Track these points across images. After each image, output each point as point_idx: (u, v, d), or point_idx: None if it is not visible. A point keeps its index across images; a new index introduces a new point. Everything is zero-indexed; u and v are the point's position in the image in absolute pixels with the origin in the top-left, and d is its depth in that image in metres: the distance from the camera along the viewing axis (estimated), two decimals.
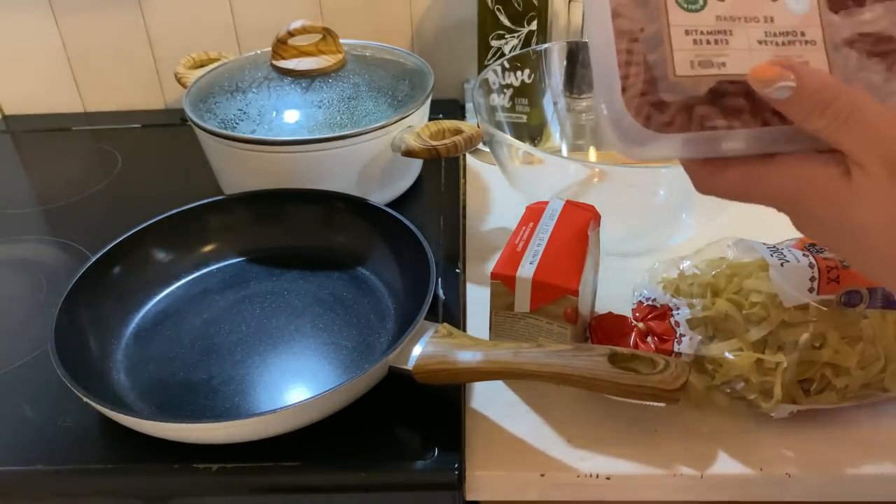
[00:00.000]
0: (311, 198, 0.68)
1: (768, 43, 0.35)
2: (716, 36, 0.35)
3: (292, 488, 0.50)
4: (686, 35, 0.35)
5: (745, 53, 0.35)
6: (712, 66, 0.35)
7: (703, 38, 0.35)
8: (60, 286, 0.57)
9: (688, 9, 0.35)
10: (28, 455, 0.51)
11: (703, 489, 0.50)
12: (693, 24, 0.35)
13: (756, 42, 0.35)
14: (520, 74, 0.79)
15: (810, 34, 0.35)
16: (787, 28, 0.35)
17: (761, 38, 0.35)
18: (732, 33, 0.35)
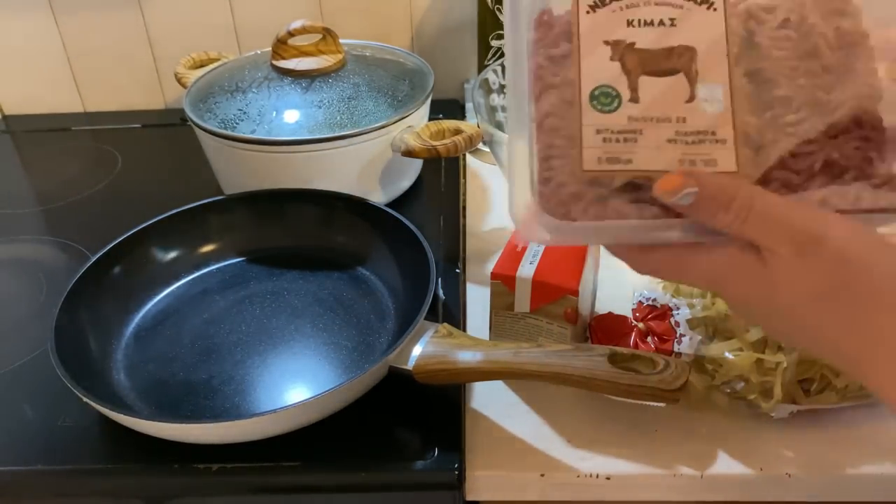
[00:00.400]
0: (311, 198, 0.68)
1: (678, 142, 0.37)
2: (625, 135, 0.37)
3: (292, 488, 0.50)
4: (597, 134, 0.37)
5: (652, 151, 0.37)
6: (619, 163, 0.37)
7: (613, 137, 0.37)
8: (60, 286, 0.57)
9: (601, 110, 0.38)
10: (28, 455, 0.51)
11: (704, 489, 0.50)
12: (604, 125, 0.37)
13: (665, 141, 0.37)
14: None
15: (721, 133, 0.37)
16: (698, 128, 0.37)
17: (671, 137, 0.37)
18: (643, 133, 0.37)
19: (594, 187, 0.37)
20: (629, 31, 0.38)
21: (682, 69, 0.38)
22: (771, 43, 0.38)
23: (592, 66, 0.38)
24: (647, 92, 0.38)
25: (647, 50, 0.38)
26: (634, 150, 0.37)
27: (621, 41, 0.38)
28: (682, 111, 0.37)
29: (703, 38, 0.38)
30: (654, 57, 0.38)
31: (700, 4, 0.38)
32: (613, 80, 0.38)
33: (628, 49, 0.38)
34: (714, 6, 0.38)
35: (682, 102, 0.37)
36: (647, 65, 0.38)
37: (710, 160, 0.37)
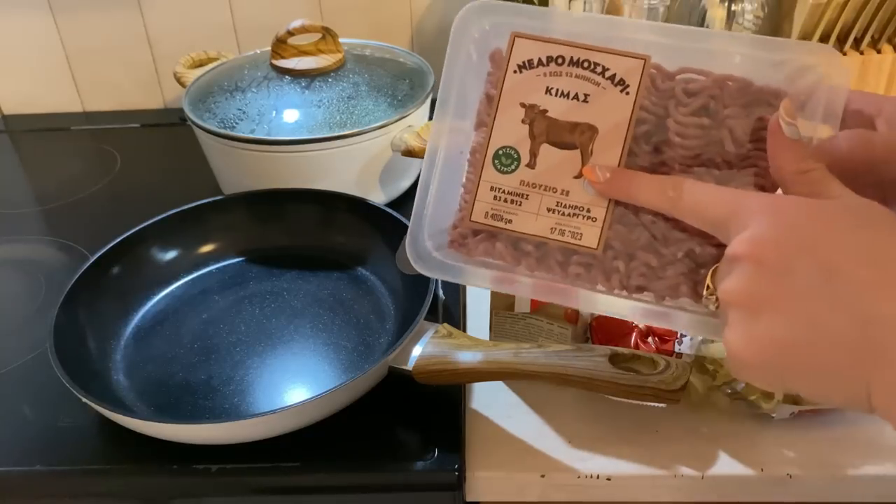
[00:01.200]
0: (311, 198, 0.68)
1: (556, 212, 0.40)
2: (513, 197, 0.41)
3: (292, 489, 0.50)
4: (490, 191, 0.41)
5: (531, 216, 0.41)
6: (501, 220, 0.41)
7: (503, 196, 0.41)
8: (59, 286, 0.57)
9: (500, 170, 0.41)
10: (27, 455, 0.51)
11: (704, 490, 0.50)
12: (499, 183, 0.41)
13: (545, 208, 0.40)
14: None
15: (594, 213, 0.40)
16: (576, 203, 0.40)
17: (551, 206, 0.40)
18: (528, 198, 0.41)
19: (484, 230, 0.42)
20: (545, 98, 0.40)
21: (579, 146, 0.40)
22: (678, 129, 0.39)
23: (505, 125, 0.41)
24: (544, 160, 0.40)
25: (555, 120, 0.40)
26: (516, 212, 0.41)
27: (535, 106, 0.40)
28: (568, 185, 0.40)
29: (608, 119, 0.39)
30: (559, 128, 0.40)
31: (616, 86, 0.40)
32: (518, 143, 0.40)
33: (540, 115, 0.40)
34: (628, 90, 0.39)
35: (570, 177, 0.40)
36: (551, 134, 0.40)
37: (577, 233, 0.40)
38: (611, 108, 0.39)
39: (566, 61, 0.40)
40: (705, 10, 0.80)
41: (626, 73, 0.39)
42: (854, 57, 0.75)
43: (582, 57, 0.40)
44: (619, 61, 0.39)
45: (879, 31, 0.76)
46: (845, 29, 0.75)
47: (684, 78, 0.39)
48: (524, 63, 0.41)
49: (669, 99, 0.39)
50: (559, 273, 0.41)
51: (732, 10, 0.79)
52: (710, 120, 0.39)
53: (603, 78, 0.40)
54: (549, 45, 0.40)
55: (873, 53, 0.76)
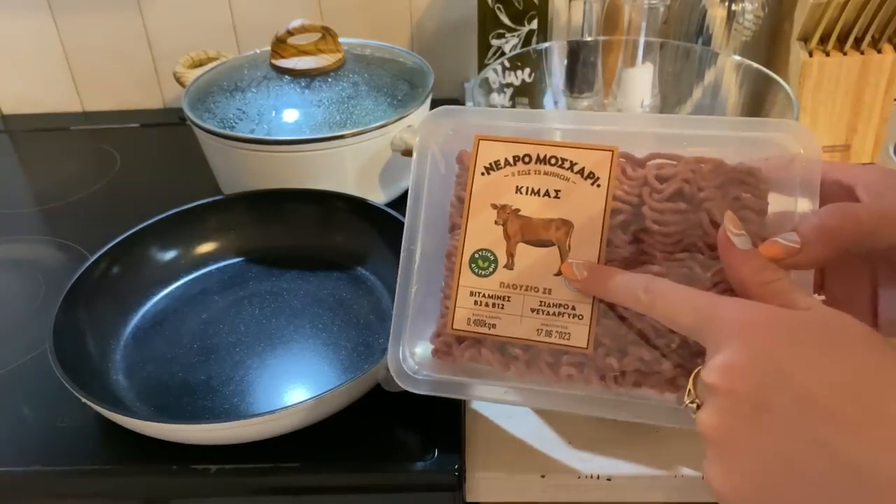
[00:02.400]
0: (311, 198, 0.68)
1: (540, 312, 0.39)
2: (494, 300, 0.40)
3: (292, 489, 0.50)
4: (470, 296, 0.40)
5: (515, 318, 0.40)
6: (484, 326, 0.40)
7: (483, 301, 0.40)
8: (59, 286, 0.57)
9: (478, 274, 0.40)
10: (26, 455, 0.51)
11: (704, 490, 0.50)
12: (478, 288, 0.40)
13: (529, 309, 0.39)
14: (520, 73, 0.79)
15: (580, 309, 0.39)
16: (561, 300, 0.39)
17: (535, 307, 0.39)
18: (510, 300, 0.40)
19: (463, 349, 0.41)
20: (516, 198, 0.40)
21: (556, 242, 0.39)
22: (655, 216, 0.39)
23: (478, 227, 0.40)
24: (522, 260, 0.40)
25: (528, 218, 0.40)
26: (499, 316, 0.40)
27: (507, 206, 0.40)
28: (550, 283, 0.39)
29: (582, 213, 0.39)
30: (533, 226, 0.40)
31: (586, 179, 0.39)
32: (493, 245, 0.40)
33: (512, 215, 0.40)
34: (598, 183, 0.39)
35: (550, 274, 0.39)
36: (526, 233, 0.40)
37: (564, 333, 0.39)
38: (584, 202, 0.39)
39: (533, 159, 0.40)
40: (705, 9, 0.80)
41: (595, 165, 0.39)
42: (854, 57, 0.75)
43: (548, 154, 0.40)
44: (586, 155, 0.39)
45: (880, 31, 0.76)
46: (846, 29, 0.75)
47: (656, 164, 0.39)
48: (491, 165, 0.40)
49: (643, 186, 0.39)
50: (550, 375, 0.40)
51: (732, 10, 0.79)
52: (686, 204, 0.38)
53: (572, 172, 0.39)
54: (514, 145, 0.40)
55: (874, 53, 0.75)
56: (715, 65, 0.77)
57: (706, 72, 0.75)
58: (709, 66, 0.77)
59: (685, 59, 0.79)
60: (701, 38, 0.82)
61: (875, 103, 0.77)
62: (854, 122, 0.79)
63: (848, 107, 0.78)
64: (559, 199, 0.39)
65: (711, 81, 0.78)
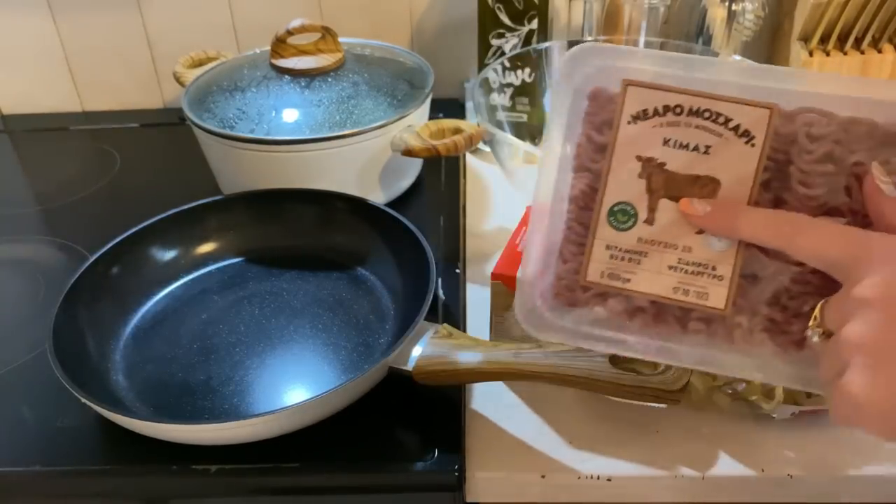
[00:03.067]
0: (311, 198, 0.68)
1: (678, 269, 0.38)
2: (631, 255, 0.39)
3: (291, 489, 0.50)
4: (606, 249, 0.39)
5: (652, 275, 0.39)
6: (618, 280, 0.39)
7: (619, 255, 0.39)
8: (59, 286, 0.57)
9: (616, 227, 0.39)
10: (26, 456, 0.51)
11: (705, 490, 0.50)
12: (615, 242, 0.39)
13: (667, 266, 0.38)
14: (520, 73, 0.79)
15: (720, 270, 0.38)
16: (700, 260, 0.38)
17: (672, 264, 0.38)
18: (647, 255, 0.38)
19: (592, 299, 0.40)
20: (663, 151, 0.38)
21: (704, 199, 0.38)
22: (802, 177, 0.37)
23: (620, 179, 0.38)
24: (663, 215, 0.38)
25: (674, 173, 0.38)
26: (635, 271, 0.38)
27: (653, 159, 0.38)
28: (690, 241, 0.38)
29: (732, 172, 0.37)
30: (678, 182, 0.38)
31: (739, 137, 0.37)
32: (634, 199, 0.38)
33: (657, 169, 0.38)
34: (753, 142, 0.37)
35: (691, 232, 0.38)
36: (670, 188, 0.38)
37: (702, 293, 0.38)
38: (734, 161, 0.37)
39: (685, 111, 0.37)
40: (706, 9, 0.80)
41: (751, 124, 0.37)
42: (855, 57, 0.75)
43: (702, 107, 0.37)
44: (742, 111, 0.37)
45: (880, 31, 0.76)
46: (846, 29, 0.75)
47: (806, 120, 0.37)
48: (638, 114, 0.38)
49: (791, 145, 0.37)
50: (676, 329, 0.39)
51: (733, 9, 0.79)
52: (834, 167, 0.37)
53: (726, 129, 0.37)
54: (666, 94, 0.38)
55: (874, 53, 0.75)
56: None
57: None
58: None
59: None
60: (701, 38, 0.82)
61: None
62: None
63: None
64: (708, 156, 0.37)
65: None
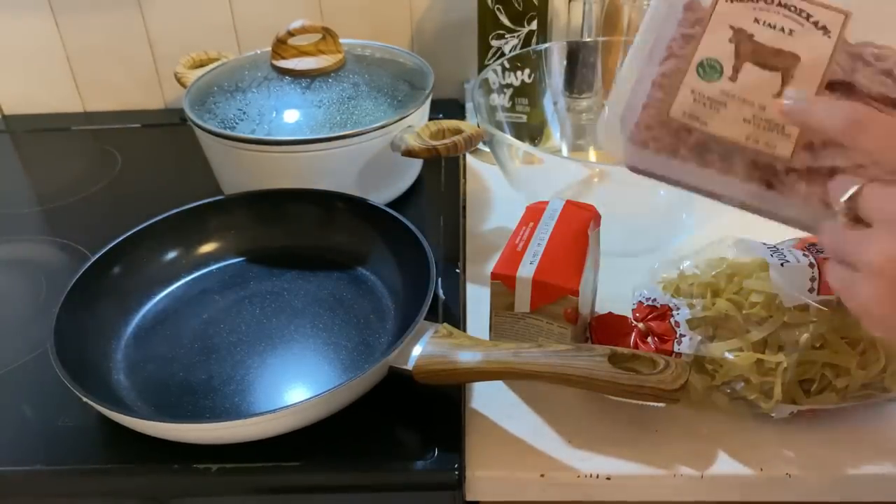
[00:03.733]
0: (311, 198, 0.68)
1: (751, 123, 0.42)
2: (713, 103, 0.43)
3: (292, 488, 0.50)
4: (690, 93, 0.43)
5: (727, 123, 0.43)
6: (697, 121, 0.43)
7: (702, 101, 0.43)
8: (60, 286, 0.57)
9: (703, 77, 0.43)
10: (28, 455, 0.51)
11: (704, 489, 0.50)
12: (699, 89, 0.43)
13: (742, 119, 0.43)
14: (520, 74, 0.79)
15: (789, 129, 0.42)
16: (773, 118, 0.42)
17: (747, 118, 0.43)
18: (726, 106, 0.43)
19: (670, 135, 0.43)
20: (753, 26, 0.43)
21: (781, 70, 0.42)
22: (866, 82, 0.42)
23: (712, 41, 0.43)
24: (747, 76, 0.43)
25: (761, 44, 0.43)
26: (713, 117, 0.43)
27: (744, 30, 0.43)
28: (766, 101, 0.42)
29: (810, 52, 0.43)
30: (764, 51, 0.43)
31: (818, 28, 0.43)
32: (723, 57, 0.43)
33: (746, 38, 0.43)
34: (829, 34, 0.43)
35: (769, 94, 0.42)
36: (756, 55, 0.43)
37: (770, 144, 0.42)
38: (813, 44, 0.42)
39: (774, 1, 0.43)
40: None
41: (829, 21, 0.43)
42: None
43: (789, 2, 0.43)
44: (823, 11, 0.43)
45: None
46: None
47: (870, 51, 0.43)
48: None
49: (857, 61, 0.42)
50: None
51: None
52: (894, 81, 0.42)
53: (807, 21, 0.43)
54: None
55: None
56: None
57: None
58: None
59: None
60: None
61: None
62: None
63: None
64: (791, 37, 0.43)
65: None
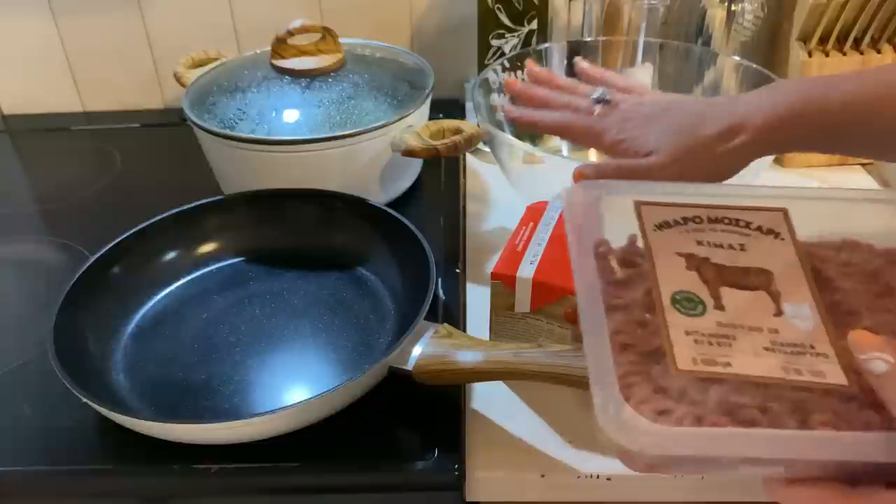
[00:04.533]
0: (311, 198, 0.68)
1: (776, 351, 0.34)
2: (718, 339, 0.35)
3: (292, 489, 0.50)
4: (686, 335, 0.35)
5: (751, 357, 0.34)
6: (716, 365, 0.34)
7: (705, 340, 0.35)
8: (60, 286, 0.57)
9: (687, 313, 0.36)
10: (27, 455, 0.51)
11: (704, 489, 0.50)
12: (692, 327, 0.35)
13: (762, 349, 0.34)
14: (520, 74, 0.79)
15: (820, 348, 0.35)
16: (794, 341, 0.35)
17: (767, 346, 0.35)
18: (736, 339, 0.35)
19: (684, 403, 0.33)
20: (700, 249, 0.38)
21: (761, 288, 0.37)
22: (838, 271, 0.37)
23: (669, 274, 0.37)
24: (732, 302, 0.36)
25: (723, 265, 0.37)
26: (731, 355, 0.34)
27: (695, 254, 0.38)
28: (773, 324, 0.35)
29: (776, 262, 0.37)
30: (732, 272, 0.37)
31: (766, 234, 0.38)
32: (693, 287, 0.37)
33: (704, 262, 0.37)
34: (781, 237, 0.38)
35: (770, 316, 0.36)
36: (726, 278, 0.37)
37: (816, 371, 0.34)
38: (773, 253, 0.38)
39: (704, 220, 0.39)
40: (705, 10, 0.80)
41: (772, 223, 0.38)
42: (854, 57, 0.75)
43: (719, 215, 0.39)
44: (758, 215, 0.39)
45: (879, 32, 0.76)
46: (845, 29, 0.76)
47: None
48: (661, 224, 0.39)
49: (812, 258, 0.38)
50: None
51: (732, 10, 0.79)
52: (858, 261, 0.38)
53: (750, 230, 0.38)
54: (680, 209, 0.39)
55: (873, 53, 0.76)
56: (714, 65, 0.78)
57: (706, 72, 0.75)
58: (708, 67, 0.77)
59: (685, 59, 0.79)
60: (700, 38, 0.82)
61: None
62: None
63: None
64: (746, 252, 0.38)
65: (711, 82, 0.78)
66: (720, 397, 0.33)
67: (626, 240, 0.39)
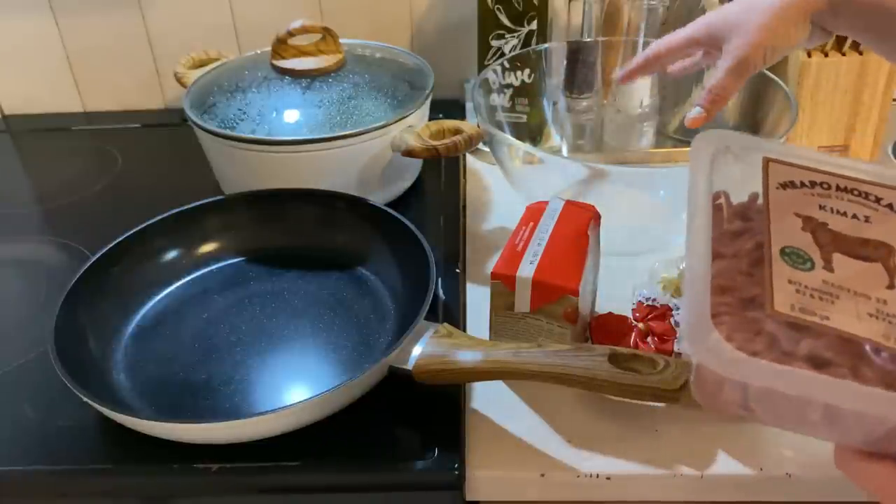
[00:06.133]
0: (311, 198, 0.68)
1: (880, 318, 0.33)
2: (821, 294, 0.34)
3: (292, 488, 0.50)
4: (789, 283, 0.34)
5: (853, 319, 0.33)
6: (814, 316, 0.33)
7: (807, 292, 0.34)
8: (60, 286, 0.57)
9: (794, 266, 0.35)
10: (28, 455, 0.51)
11: (704, 489, 0.50)
12: (797, 279, 0.35)
13: (866, 313, 0.34)
14: (520, 74, 0.79)
15: None
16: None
17: (872, 313, 0.34)
18: (839, 298, 0.34)
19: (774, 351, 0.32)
20: (821, 214, 0.37)
21: (878, 260, 0.36)
22: None
23: (783, 229, 0.37)
24: (843, 268, 0.35)
25: (841, 233, 0.36)
26: (832, 311, 0.34)
27: (813, 218, 0.37)
28: (883, 294, 0.34)
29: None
30: (849, 241, 0.36)
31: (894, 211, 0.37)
32: (805, 246, 0.36)
33: (821, 226, 0.37)
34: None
35: (882, 287, 0.35)
36: (841, 245, 0.36)
37: None
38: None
39: (832, 188, 0.38)
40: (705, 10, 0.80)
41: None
42: (853, 57, 0.75)
43: (849, 186, 0.38)
44: (891, 193, 0.38)
45: None
46: None
47: None
48: (786, 183, 0.38)
49: None
50: None
51: None
52: None
53: (879, 205, 0.37)
54: (809, 172, 0.38)
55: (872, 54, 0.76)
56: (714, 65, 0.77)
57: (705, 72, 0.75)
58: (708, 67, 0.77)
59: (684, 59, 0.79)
60: None
61: (874, 104, 0.77)
62: (853, 123, 0.79)
63: (847, 107, 0.78)
64: (870, 224, 0.37)
65: None
66: (811, 351, 0.32)
67: (746, 197, 0.39)
